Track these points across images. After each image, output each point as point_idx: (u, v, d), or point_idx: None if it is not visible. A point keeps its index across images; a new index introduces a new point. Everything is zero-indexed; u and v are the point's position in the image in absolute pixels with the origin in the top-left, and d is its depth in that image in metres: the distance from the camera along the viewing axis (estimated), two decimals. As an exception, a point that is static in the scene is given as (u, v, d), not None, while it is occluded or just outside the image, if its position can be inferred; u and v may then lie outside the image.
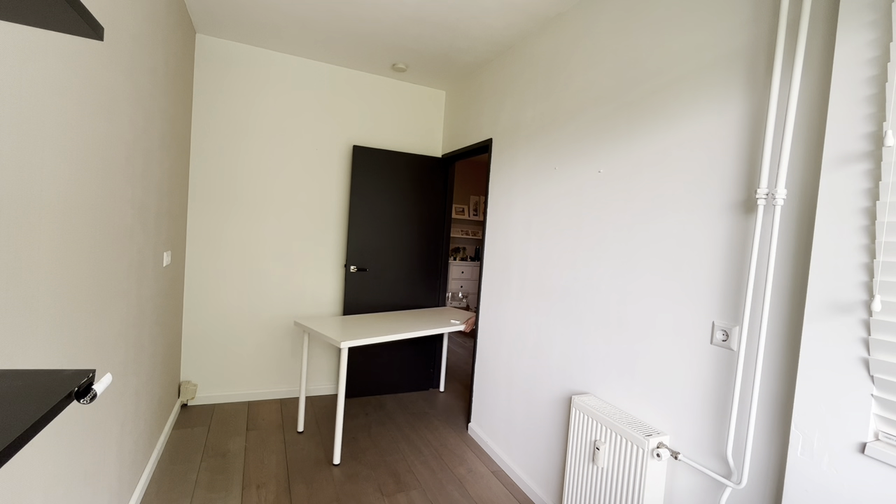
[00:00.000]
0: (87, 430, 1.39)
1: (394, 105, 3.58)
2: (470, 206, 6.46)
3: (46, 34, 0.99)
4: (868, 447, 1.02)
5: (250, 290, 3.20)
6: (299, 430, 2.81)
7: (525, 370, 2.42)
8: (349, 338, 2.41)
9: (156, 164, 2.04)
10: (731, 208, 1.40)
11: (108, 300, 1.50)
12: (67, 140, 1.13)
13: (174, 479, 2.22)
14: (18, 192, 0.91)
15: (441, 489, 2.30)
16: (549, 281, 2.26)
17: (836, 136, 1.10)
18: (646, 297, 1.69)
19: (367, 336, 2.47)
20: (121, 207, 1.58)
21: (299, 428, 2.82)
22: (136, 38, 1.65)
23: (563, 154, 2.21)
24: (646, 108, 1.74)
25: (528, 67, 2.55)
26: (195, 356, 3.08)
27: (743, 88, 1.39)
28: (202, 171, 3.01)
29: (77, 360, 1.27)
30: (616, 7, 1.93)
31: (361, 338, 2.42)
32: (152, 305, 2.13)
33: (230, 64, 3.04)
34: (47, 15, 0.51)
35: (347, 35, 2.78)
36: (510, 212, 2.64)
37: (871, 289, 1.03)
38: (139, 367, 1.95)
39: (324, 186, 3.38)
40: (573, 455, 1.86)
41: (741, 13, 1.40)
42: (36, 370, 0.58)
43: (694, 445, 1.49)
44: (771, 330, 1.28)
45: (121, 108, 1.52)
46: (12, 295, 0.91)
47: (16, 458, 0.96)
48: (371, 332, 2.60)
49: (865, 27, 1.06)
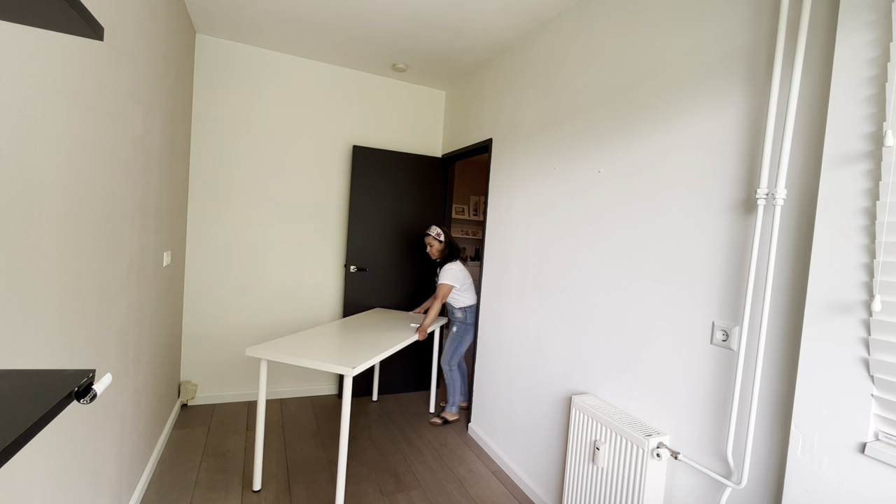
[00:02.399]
0: (87, 430, 1.39)
1: (394, 105, 3.58)
2: (470, 206, 6.46)
3: (46, 34, 0.99)
4: (868, 447, 1.02)
5: (250, 290, 3.20)
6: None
7: (525, 370, 2.42)
8: (349, 364, 1.95)
9: (156, 164, 2.04)
10: (731, 208, 1.40)
11: (108, 300, 1.50)
12: (67, 140, 1.13)
13: (174, 479, 2.22)
14: (19, 192, 0.91)
15: (441, 489, 2.30)
16: (550, 281, 2.26)
17: (836, 136, 1.10)
18: (646, 296, 1.69)
19: (365, 359, 2.05)
20: (121, 207, 1.58)
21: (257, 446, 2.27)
22: (137, 39, 1.64)
23: (562, 154, 2.21)
24: (646, 108, 1.74)
25: (527, 67, 2.55)
26: (195, 356, 3.08)
27: (743, 88, 1.39)
28: (202, 171, 3.01)
29: (77, 360, 1.27)
30: (616, 7, 1.93)
31: (362, 361, 2.02)
32: (152, 305, 2.13)
33: (230, 64, 3.04)
34: (47, 15, 0.51)
35: (347, 35, 2.78)
36: (510, 212, 2.64)
37: (871, 289, 1.03)
38: (139, 367, 1.95)
39: (324, 186, 3.38)
40: (573, 455, 1.86)
41: (741, 13, 1.40)
42: (36, 370, 0.58)
43: (694, 445, 1.49)
44: (771, 330, 1.28)
45: (121, 108, 1.52)
46: (12, 295, 0.91)
47: (16, 458, 0.96)
48: (363, 348, 2.20)
49: (865, 27, 1.06)
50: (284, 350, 2.09)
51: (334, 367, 1.92)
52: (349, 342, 2.33)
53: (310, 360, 1.98)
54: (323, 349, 2.17)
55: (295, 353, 2.07)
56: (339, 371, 1.91)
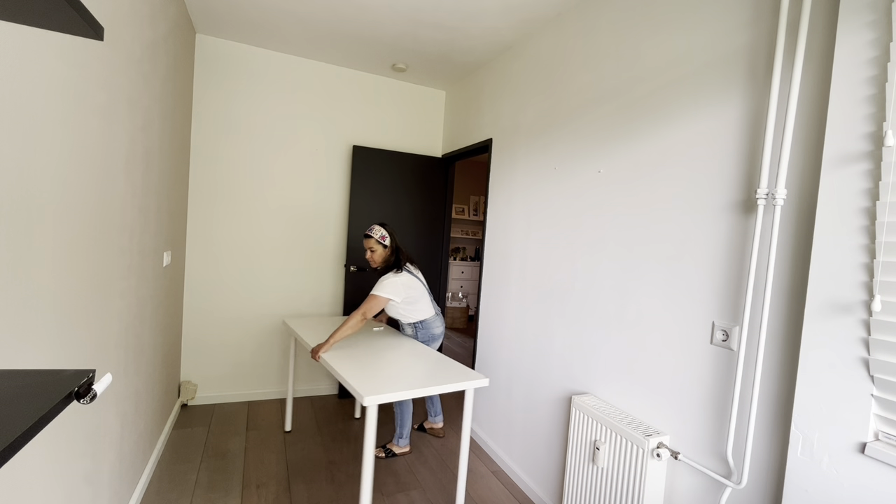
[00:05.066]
0: (87, 430, 1.39)
1: (394, 105, 3.58)
2: (470, 206, 6.46)
3: (46, 34, 0.99)
4: (868, 447, 1.02)
5: (250, 290, 3.20)
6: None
7: (525, 370, 2.42)
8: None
9: (156, 164, 2.04)
10: (730, 208, 1.40)
11: (108, 300, 1.50)
12: (68, 140, 1.13)
13: (174, 479, 2.22)
14: (18, 191, 0.91)
15: (441, 489, 2.30)
16: (550, 281, 2.26)
17: (836, 136, 1.10)
18: (646, 296, 1.69)
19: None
20: (121, 207, 1.58)
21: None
22: (137, 38, 1.64)
23: (562, 154, 2.21)
24: (646, 108, 1.74)
25: (528, 67, 2.55)
26: (195, 356, 3.08)
27: (743, 88, 1.39)
28: (202, 171, 3.01)
29: (77, 360, 1.27)
30: (616, 7, 1.93)
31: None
32: (152, 305, 2.13)
33: (230, 64, 3.03)
34: (47, 15, 0.51)
35: (347, 35, 2.78)
36: (510, 211, 2.64)
37: (871, 289, 1.03)
38: (139, 367, 1.95)
39: (324, 186, 3.37)
40: (573, 455, 1.86)
41: (741, 13, 1.40)
42: (36, 370, 0.58)
43: (694, 445, 1.49)
44: (771, 330, 1.28)
45: (121, 108, 1.52)
46: (12, 295, 0.91)
47: (16, 458, 0.96)
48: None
49: (865, 27, 1.06)
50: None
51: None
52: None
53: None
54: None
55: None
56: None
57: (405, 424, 2.57)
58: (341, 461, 2.49)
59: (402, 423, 2.58)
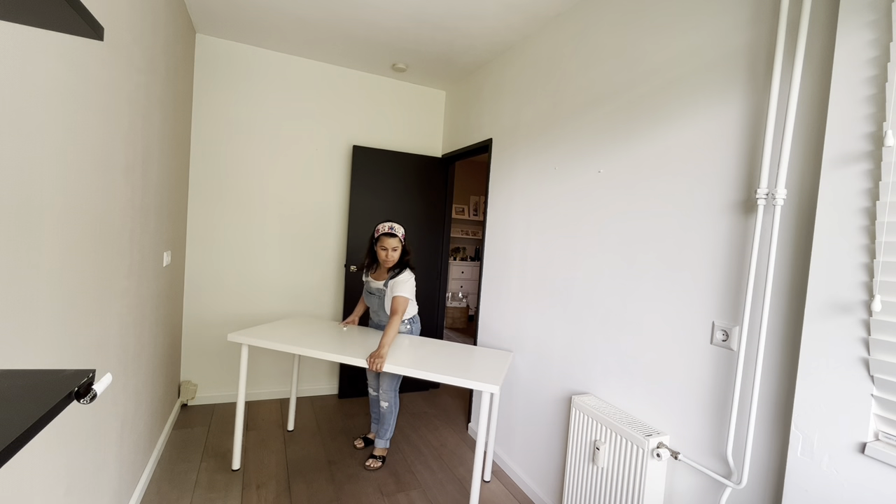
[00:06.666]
0: (87, 430, 1.39)
1: (394, 105, 3.58)
2: (470, 206, 6.46)
3: (46, 34, 0.99)
4: (868, 447, 1.02)
5: (250, 290, 3.20)
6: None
7: (525, 370, 2.42)
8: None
9: (156, 164, 2.04)
10: (731, 208, 1.40)
11: (108, 300, 1.50)
12: (67, 140, 1.13)
13: (174, 479, 2.22)
14: (18, 192, 0.91)
15: (441, 489, 2.30)
16: (550, 281, 2.26)
17: (836, 136, 1.10)
18: (646, 296, 1.69)
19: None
20: (121, 207, 1.58)
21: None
22: (137, 38, 1.64)
23: (562, 154, 2.21)
24: (646, 107, 1.74)
25: (527, 67, 2.55)
26: (195, 356, 3.08)
27: (743, 88, 1.39)
28: (202, 171, 3.01)
29: (77, 360, 1.27)
30: (616, 7, 1.93)
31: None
32: (152, 305, 2.13)
33: (230, 64, 3.03)
34: (47, 15, 0.51)
35: (347, 35, 2.78)
36: (510, 211, 2.64)
37: (871, 289, 1.03)
38: (139, 367, 1.95)
39: (324, 186, 3.37)
40: (573, 455, 1.86)
41: (741, 13, 1.40)
42: (36, 370, 0.58)
43: (694, 445, 1.49)
44: (771, 330, 1.28)
45: (121, 108, 1.52)
46: (12, 295, 0.91)
47: (16, 458, 0.96)
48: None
49: (865, 27, 1.06)
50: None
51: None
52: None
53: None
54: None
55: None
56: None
57: (392, 424, 2.56)
58: (341, 461, 2.49)
59: (391, 422, 2.56)
